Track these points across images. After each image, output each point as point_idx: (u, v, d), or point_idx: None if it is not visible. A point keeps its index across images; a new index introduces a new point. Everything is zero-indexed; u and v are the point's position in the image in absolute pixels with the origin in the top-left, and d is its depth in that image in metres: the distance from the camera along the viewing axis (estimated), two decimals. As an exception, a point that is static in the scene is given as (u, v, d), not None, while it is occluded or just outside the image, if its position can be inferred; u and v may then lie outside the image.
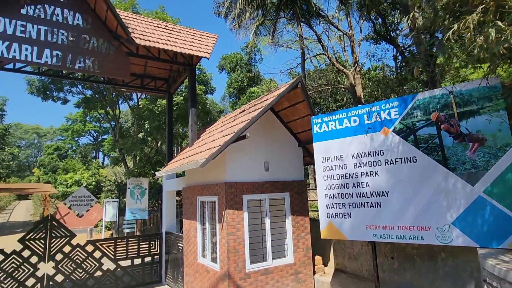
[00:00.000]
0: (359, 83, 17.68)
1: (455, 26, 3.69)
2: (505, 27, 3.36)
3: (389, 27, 17.15)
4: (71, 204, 16.64)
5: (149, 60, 11.23)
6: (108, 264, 10.57)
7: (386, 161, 6.13)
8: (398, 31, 18.67)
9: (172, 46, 10.48)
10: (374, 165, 6.27)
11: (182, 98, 19.08)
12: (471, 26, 3.56)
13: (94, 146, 53.36)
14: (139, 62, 12.43)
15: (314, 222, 9.36)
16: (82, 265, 9.88)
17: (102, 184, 30.46)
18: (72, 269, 9.73)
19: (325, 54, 20.49)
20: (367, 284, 7.73)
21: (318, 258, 9.06)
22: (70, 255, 9.79)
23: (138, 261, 10.98)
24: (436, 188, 5.47)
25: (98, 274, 10.21)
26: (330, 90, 23.03)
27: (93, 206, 16.94)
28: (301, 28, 19.61)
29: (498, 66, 4.16)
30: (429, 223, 5.50)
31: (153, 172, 22.98)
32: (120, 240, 10.74)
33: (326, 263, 9.46)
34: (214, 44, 11.95)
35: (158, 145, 23.04)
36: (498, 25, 3.41)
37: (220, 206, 7.81)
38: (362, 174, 6.45)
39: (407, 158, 5.87)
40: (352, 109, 6.93)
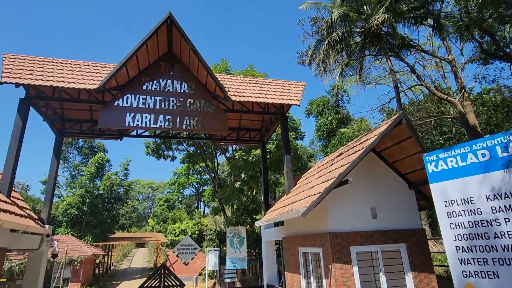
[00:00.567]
0: (471, 110, 15.36)
1: None
2: None
3: (500, 44, 14.91)
4: (179, 252, 17.76)
5: (243, 113, 11.96)
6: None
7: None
8: (514, 46, 16.06)
9: (263, 98, 10.98)
10: (523, 208, 4.94)
11: (274, 146, 19.48)
12: None
13: (196, 197, 58.23)
14: (235, 117, 13.31)
15: (440, 280, 7.74)
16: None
17: (204, 233, 32.22)
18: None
19: (422, 85, 18.79)
20: None
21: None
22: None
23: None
24: None
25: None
26: (433, 122, 20.60)
27: (197, 254, 17.75)
28: (390, 61, 18.64)
29: None
30: None
31: (250, 220, 23.30)
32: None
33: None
34: (302, 91, 12.11)
35: (253, 193, 23.57)
36: None
37: (325, 259, 7.15)
38: (507, 220, 5.12)
39: None
40: (476, 141, 5.82)
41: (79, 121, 12.47)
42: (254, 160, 19.04)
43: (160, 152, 24.24)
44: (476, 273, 5.40)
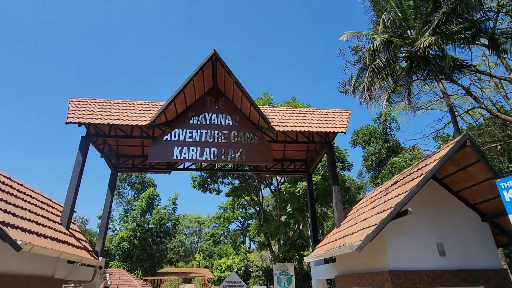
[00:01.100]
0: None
1: None
2: None
3: None
4: (225, 290, 17.16)
5: (287, 144, 11.77)
6: None
7: None
8: None
9: (308, 127, 10.75)
10: None
11: (320, 177, 18.80)
12: None
13: (241, 231, 57.58)
14: (279, 148, 13.17)
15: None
16: None
17: (250, 269, 31.22)
18: None
19: (481, 107, 17.27)
20: None
21: None
22: None
23: None
24: None
25: None
26: (500, 147, 18.56)
27: (244, 292, 16.99)
28: (442, 85, 17.53)
29: None
30: None
31: (297, 257, 22.15)
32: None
33: None
34: (348, 118, 11.67)
35: (300, 227, 22.60)
36: None
37: (387, 302, 6.29)
38: None
39: None
40: None
41: (132, 156, 13.16)
42: (300, 192, 18.44)
43: (206, 185, 24.61)
44: None
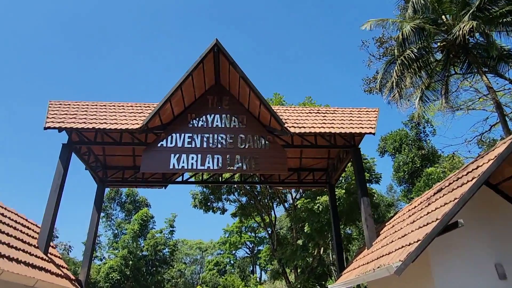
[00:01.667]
0: None
1: None
2: None
3: None
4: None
5: (305, 149, 11.62)
6: None
7: None
8: None
9: (329, 128, 10.54)
10: None
11: (344, 190, 18.38)
12: None
13: (251, 259, 56.75)
14: (294, 154, 12.95)
15: None
16: None
17: (262, 304, 30.56)
18: None
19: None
20: None
21: None
22: None
23: None
24: None
25: None
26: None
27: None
28: (487, 78, 17.10)
29: None
30: None
31: (318, 287, 21.52)
32: None
33: None
34: (376, 117, 11.42)
35: (321, 252, 22.04)
36: None
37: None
38: None
39: None
40: None
41: (121, 168, 13.06)
42: (320, 208, 18.02)
43: (208, 204, 24.40)
44: None
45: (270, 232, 26.80)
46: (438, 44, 18.57)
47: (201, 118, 10.86)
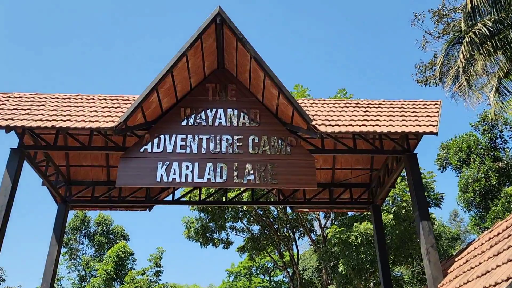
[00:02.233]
0: None
1: None
2: None
3: None
4: None
5: (340, 154, 11.71)
6: None
7: None
8: None
9: (373, 126, 10.36)
10: None
11: (391, 215, 18.10)
12: None
13: (264, 312, 56.03)
14: (325, 164, 12.92)
15: None
16: None
17: None
18: None
19: None
20: None
21: None
22: None
23: None
24: None
25: None
26: None
27: None
28: None
29: None
30: None
31: None
32: None
33: None
34: (438, 113, 11.27)
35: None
36: None
37: None
38: None
39: None
40: None
41: (91, 183, 13.04)
42: (359, 240, 17.83)
43: (207, 235, 24.43)
44: None
45: (291, 273, 26.51)
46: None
47: (198, 114, 10.77)
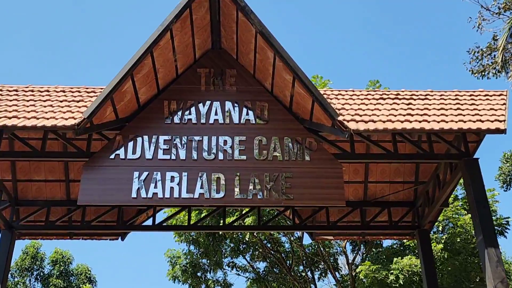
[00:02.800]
0: None
1: None
2: None
3: None
4: None
5: (375, 162, 11.72)
6: None
7: None
8: None
9: (419, 122, 10.34)
10: None
11: (441, 245, 17.98)
12: None
13: None
14: (354, 175, 13.00)
15: None
16: None
17: None
18: None
19: None
20: None
21: None
22: None
23: None
24: None
25: None
26: None
27: None
28: None
29: None
30: None
31: None
32: None
33: None
34: (505, 105, 11.28)
35: None
36: None
37: None
38: None
39: None
40: None
41: (45, 203, 12.98)
42: (401, 279, 17.73)
43: (199, 274, 24.42)
44: None
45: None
46: None
47: (187, 109, 10.77)
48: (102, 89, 10.90)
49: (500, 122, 10.40)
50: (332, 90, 12.58)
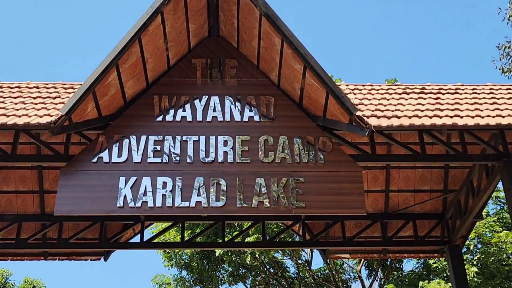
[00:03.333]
0: None
1: None
2: None
3: None
4: None
5: (398, 167, 11.79)
6: None
7: None
8: None
9: (450, 117, 10.27)
10: None
11: (475, 268, 17.84)
12: None
13: None
14: (375, 182, 12.97)
15: None
16: None
17: None
18: None
19: None
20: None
21: None
22: None
23: None
24: None
25: None
26: None
27: None
28: None
29: None
30: None
31: None
32: None
33: None
34: None
35: None
36: None
37: None
38: None
39: None
40: None
41: (16, 218, 12.80)
42: None
43: None
44: None
45: None
46: None
47: (181, 105, 10.72)
48: (81, 84, 10.92)
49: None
50: (347, 85, 12.51)
